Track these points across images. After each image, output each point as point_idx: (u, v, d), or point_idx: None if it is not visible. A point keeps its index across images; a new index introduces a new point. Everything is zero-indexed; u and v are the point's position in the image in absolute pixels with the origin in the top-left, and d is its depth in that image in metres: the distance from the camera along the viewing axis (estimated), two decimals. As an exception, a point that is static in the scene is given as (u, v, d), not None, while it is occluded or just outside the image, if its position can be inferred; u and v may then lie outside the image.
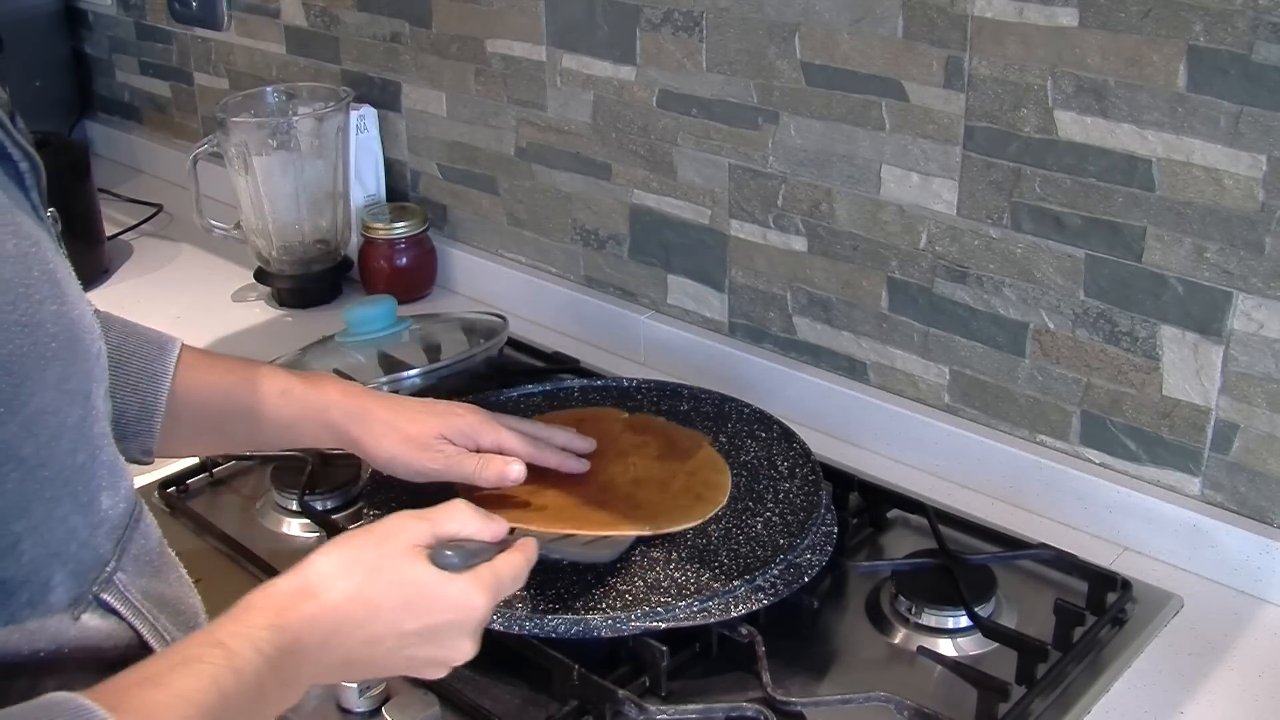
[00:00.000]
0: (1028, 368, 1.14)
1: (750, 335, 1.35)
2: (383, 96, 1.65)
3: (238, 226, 1.62)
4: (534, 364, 1.40)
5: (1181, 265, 1.01)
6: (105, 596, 0.67)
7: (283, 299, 1.61)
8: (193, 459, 1.20)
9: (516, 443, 1.00)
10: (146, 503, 0.77)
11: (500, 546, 0.78)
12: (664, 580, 0.93)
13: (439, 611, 0.72)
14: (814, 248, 1.25)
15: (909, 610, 0.98)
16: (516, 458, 0.98)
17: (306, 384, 0.97)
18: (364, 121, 1.62)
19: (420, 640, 0.72)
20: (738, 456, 1.10)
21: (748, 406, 1.17)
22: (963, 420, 1.19)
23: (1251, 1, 0.92)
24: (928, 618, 0.98)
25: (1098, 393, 1.10)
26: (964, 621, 0.97)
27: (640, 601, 0.91)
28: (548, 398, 1.22)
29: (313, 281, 1.61)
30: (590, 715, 0.88)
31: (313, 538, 1.11)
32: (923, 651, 0.94)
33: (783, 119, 1.23)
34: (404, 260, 1.58)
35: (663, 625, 0.90)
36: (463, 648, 0.73)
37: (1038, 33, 1.03)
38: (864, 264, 1.22)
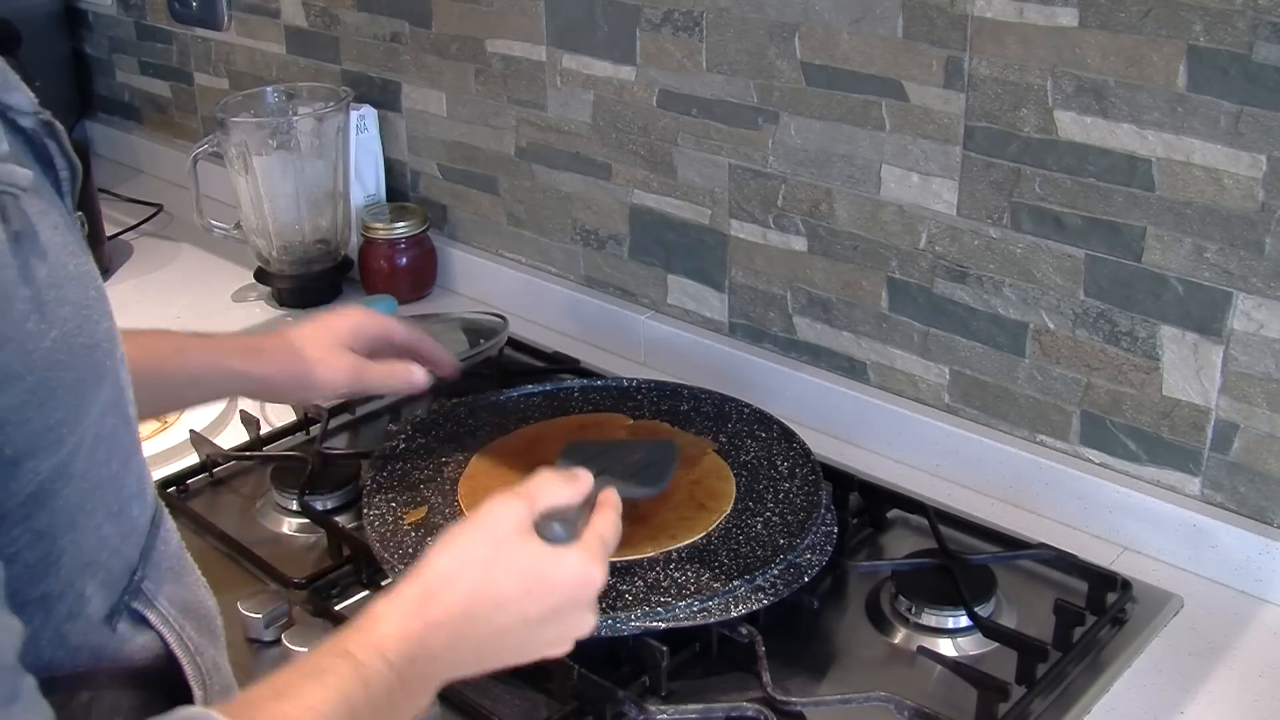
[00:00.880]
0: (1028, 368, 1.14)
1: (750, 335, 1.35)
2: (383, 96, 1.65)
3: (238, 226, 1.62)
4: (534, 364, 1.39)
5: (1181, 265, 1.01)
6: (135, 605, 0.66)
7: (283, 299, 1.61)
8: (193, 459, 1.20)
9: (407, 331, 1.07)
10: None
11: (587, 501, 0.78)
12: (664, 580, 0.93)
13: (560, 591, 0.72)
14: (814, 248, 1.25)
15: (909, 610, 0.98)
16: (415, 361, 1.05)
17: (200, 338, 0.99)
18: (364, 121, 1.62)
19: (545, 623, 0.72)
20: (738, 456, 1.10)
21: (748, 406, 1.17)
22: (963, 420, 1.19)
23: (1251, 1, 0.92)
24: (928, 618, 0.98)
25: (1098, 393, 1.10)
26: (964, 621, 0.97)
27: (640, 601, 0.91)
28: (548, 398, 1.22)
29: (313, 281, 1.61)
30: (590, 715, 0.88)
31: (313, 538, 1.11)
32: (923, 651, 0.94)
33: (783, 119, 1.23)
34: (404, 260, 1.58)
35: (663, 625, 0.90)
36: (586, 620, 0.74)
37: (1038, 33, 1.03)
38: (864, 264, 1.22)
